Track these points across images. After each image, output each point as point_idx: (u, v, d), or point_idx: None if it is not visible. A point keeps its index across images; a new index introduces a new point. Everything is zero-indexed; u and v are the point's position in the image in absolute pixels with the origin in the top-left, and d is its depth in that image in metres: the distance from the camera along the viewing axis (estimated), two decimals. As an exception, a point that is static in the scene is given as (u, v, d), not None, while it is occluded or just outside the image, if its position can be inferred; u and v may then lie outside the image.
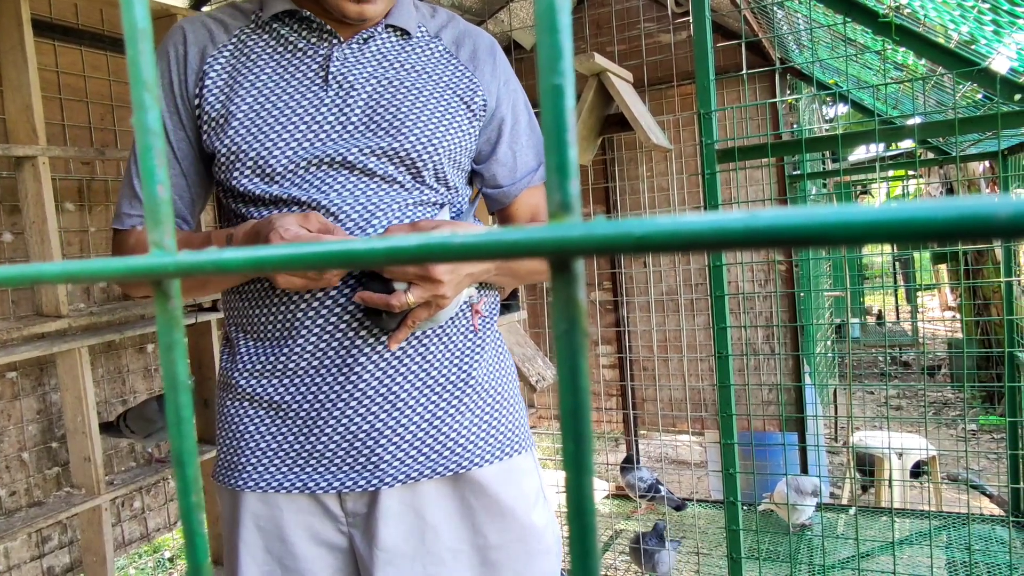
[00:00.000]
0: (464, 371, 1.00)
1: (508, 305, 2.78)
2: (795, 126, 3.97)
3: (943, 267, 7.80)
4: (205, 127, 0.97)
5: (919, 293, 9.75)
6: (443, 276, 0.86)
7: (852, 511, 2.95)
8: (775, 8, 2.99)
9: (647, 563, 2.44)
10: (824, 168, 4.96)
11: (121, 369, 2.29)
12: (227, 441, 1.00)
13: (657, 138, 2.28)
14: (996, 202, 0.11)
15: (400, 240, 0.17)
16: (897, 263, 8.13)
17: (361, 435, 0.94)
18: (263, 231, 0.85)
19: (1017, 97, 1.94)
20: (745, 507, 2.68)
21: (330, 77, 0.96)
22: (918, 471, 3.58)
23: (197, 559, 0.22)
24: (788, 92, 3.70)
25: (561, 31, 0.15)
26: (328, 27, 0.96)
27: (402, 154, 0.95)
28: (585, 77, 2.26)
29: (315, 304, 0.93)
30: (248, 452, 0.98)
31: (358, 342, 0.93)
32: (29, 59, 1.70)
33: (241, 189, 0.95)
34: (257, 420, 0.98)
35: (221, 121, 0.95)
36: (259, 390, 0.97)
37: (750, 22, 3.01)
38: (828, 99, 5.20)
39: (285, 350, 0.95)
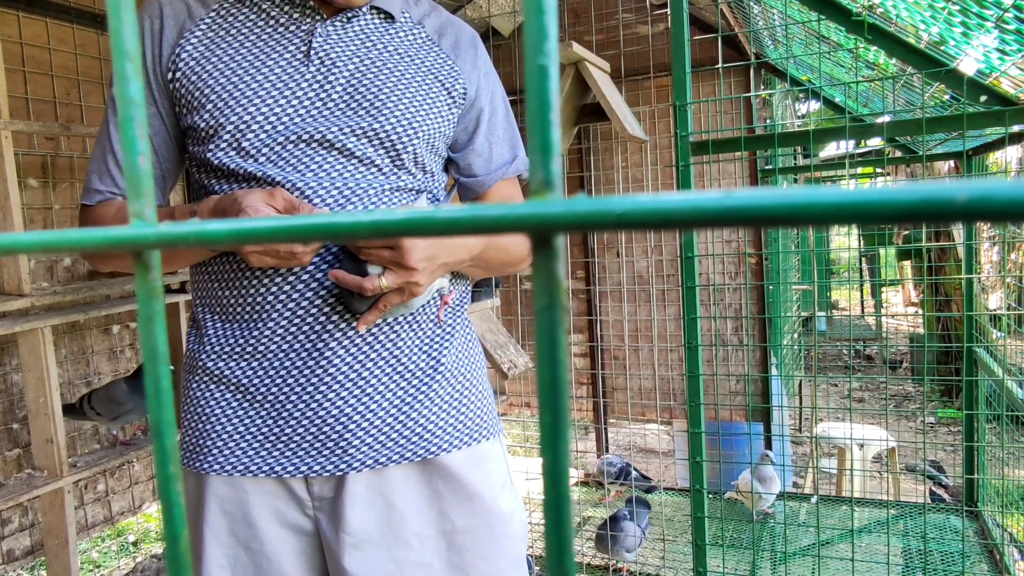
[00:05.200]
0: (433, 358, 1.00)
1: (481, 292, 2.78)
2: (768, 121, 4.02)
3: (907, 264, 7.98)
4: (182, 101, 0.95)
5: (883, 288, 9.97)
6: (418, 264, 0.85)
7: (814, 500, 3.02)
8: (751, 4, 3.01)
9: (614, 546, 2.48)
10: (795, 163, 5.03)
11: (85, 350, 2.25)
12: (193, 423, 0.99)
13: (633, 129, 2.30)
14: (954, 187, 0.12)
15: (386, 215, 0.17)
16: (864, 259, 8.30)
17: (330, 420, 0.94)
18: (229, 210, 0.84)
19: (983, 99, 1.99)
20: (710, 495, 2.73)
21: (312, 53, 0.94)
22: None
23: (175, 529, 0.22)
24: (762, 87, 3.74)
25: (547, 12, 0.16)
26: (311, 3, 0.95)
27: (382, 135, 0.94)
28: (563, 66, 2.26)
29: (285, 287, 0.92)
30: (215, 435, 0.97)
31: (328, 326, 0.93)
32: (-8, 29, 1.66)
33: (216, 163, 0.94)
34: (224, 402, 0.97)
35: (197, 95, 0.93)
36: (227, 372, 0.96)
37: (727, 16, 3.03)
38: (801, 95, 5.27)
39: (255, 332, 0.94)
